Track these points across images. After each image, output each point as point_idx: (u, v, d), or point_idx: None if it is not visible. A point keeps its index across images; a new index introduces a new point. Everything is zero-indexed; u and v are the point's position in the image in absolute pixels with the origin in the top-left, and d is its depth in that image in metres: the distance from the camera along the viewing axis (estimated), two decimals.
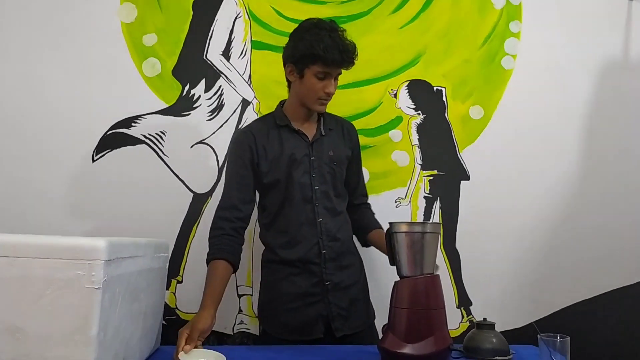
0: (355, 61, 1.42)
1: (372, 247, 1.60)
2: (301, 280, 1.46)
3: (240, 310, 1.82)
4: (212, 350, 1.16)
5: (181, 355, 1.15)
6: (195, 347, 1.22)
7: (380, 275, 1.69)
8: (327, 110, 1.53)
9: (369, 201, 1.68)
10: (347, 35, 1.42)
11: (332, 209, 1.49)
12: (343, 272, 1.48)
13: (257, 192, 1.52)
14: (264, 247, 1.56)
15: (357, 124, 1.69)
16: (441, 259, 1.86)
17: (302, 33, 1.42)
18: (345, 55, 1.38)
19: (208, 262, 1.39)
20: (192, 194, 1.83)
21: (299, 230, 1.46)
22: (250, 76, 1.87)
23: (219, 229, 1.42)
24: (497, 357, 1.22)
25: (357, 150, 1.62)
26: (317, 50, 1.36)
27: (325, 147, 1.51)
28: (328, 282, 1.45)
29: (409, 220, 1.86)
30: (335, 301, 1.45)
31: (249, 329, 1.82)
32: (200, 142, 1.84)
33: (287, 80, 1.51)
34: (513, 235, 1.90)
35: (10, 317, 0.86)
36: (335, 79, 1.43)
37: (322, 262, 1.46)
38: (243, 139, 1.48)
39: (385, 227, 1.31)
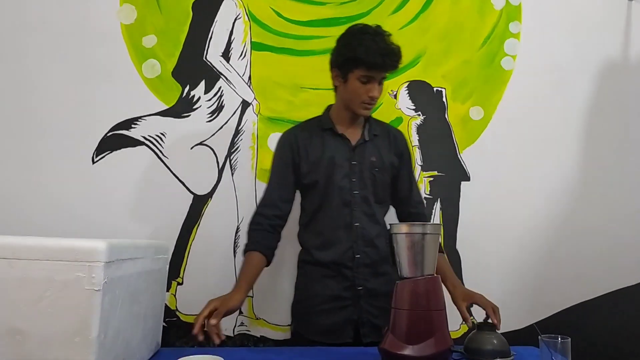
0: (398, 65, 1.42)
1: None
2: (334, 283, 1.47)
3: (240, 312, 1.81)
4: (210, 355, 1.15)
5: None
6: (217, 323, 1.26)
7: None
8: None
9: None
10: (393, 40, 1.41)
11: (370, 215, 1.49)
12: (378, 279, 1.48)
13: (298, 192, 1.54)
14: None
15: None
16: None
17: (347, 38, 1.44)
18: (388, 58, 1.38)
19: (245, 252, 1.44)
20: (192, 196, 1.83)
21: (335, 233, 1.47)
22: (250, 77, 1.87)
23: (257, 224, 1.47)
24: (498, 359, 1.22)
25: (407, 156, 1.59)
26: (359, 54, 1.37)
27: (367, 153, 1.50)
28: (360, 287, 1.46)
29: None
30: (366, 307, 1.45)
31: (249, 331, 1.81)
32: (200, 143, 1.84)
33: (334, 84, 1.51)
34: (513, 235, 1.90)
35: (11, 318, 0.86)
36: (380, 82, 1.42)
37: (355, 266, 1.46)
38: (286, 139, 1.52)
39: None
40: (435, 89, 1.92)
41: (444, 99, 1.92)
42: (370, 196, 1.49)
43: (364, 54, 1.37)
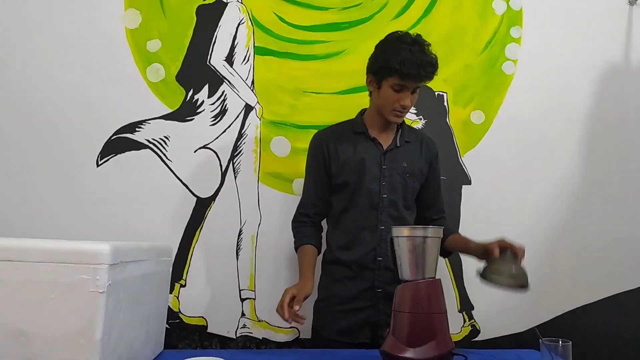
0: (434, 75, 1.42)
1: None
2: (354, 284, 1.49)
3: (243, 314, 1.82)
4: (212, 357, 1.16)
5: None
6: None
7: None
8: (329, 115, 1.54)
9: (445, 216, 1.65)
10: (431, 50, 1.42)
11: (397, 219, 1.50)
12: (398, 283, 1.49)
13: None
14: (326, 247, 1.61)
15: None
16: (443, 264, 1.86)
17: (385, 45, 1.45)
18: (423, 70, 1.38)
19: (296, 248, 1.54)
20: (195, 199, 1.84)
21: (359, 234, 1.50)
22: (253, 81, 1.89)
23: (300, 222, 1.57)
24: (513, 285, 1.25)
25: (436, 165, 1.60)
26: (394, 63, 1.38)
27: (399, 158, 1.52)
28: (380, 290, 1.47)
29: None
30: (384, 309, 1.46)
31: (251, 333, 1.82)
32: (204, 146, 1.86)
33: (368, 89, 1.54)
34: (514, 238, 1.89)
35: (15, 321, 0.87)
36: (414, 92, 1.43)
37: (376, 268, 1.48)
38: (316, 140, 1.57)
39: None
40: (436, 93, 1.93)
41: (445, 103, 1.93)
42: (399, 201, 1.51)
43: (399, 64, 1.37)
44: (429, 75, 1.41)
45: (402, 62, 1.37)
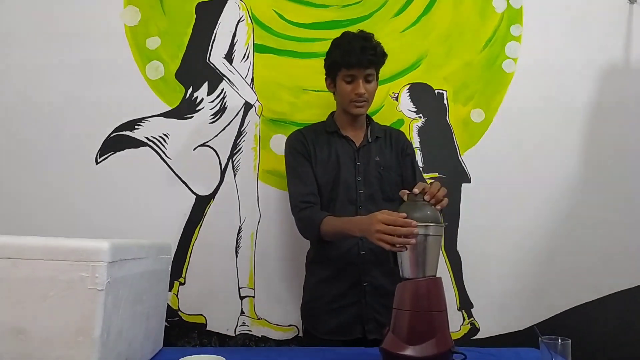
0: (377, 59, 1.48)
1: None
2: (340, 281, 1.50)
3: (242, 312, 1.82)
4: (211, 355, 1.16)
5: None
6: None
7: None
8: (329, 113, 1.54)
9: None
10: (373, 39, 1.48)
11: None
12: (385, 278, 1.50)
13: None
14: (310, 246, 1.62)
15: None
16: (442, 262, 1.86)
17: (330, 47, 1.53)
18: (363, 55, 1.44)
19: (319, 225, 1.43)
20: (194, 196, 1.84)
21: None
22: (252, 79, 1.88)
23: (306, 202, 1.49)
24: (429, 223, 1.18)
25: (409, 150, 1.64)
26: (336, 57, 1.48)
27: (372, 154, 1.57)
28: (366, 284, 1.49)
29: None
30: (371, 303, 1.48)
31: (250, 331, 1.82)
32: (203, 144, 1.85)
33: (330, 91, 1.60)
34: (514, 237, 1.91)
35: (14, 318, 0.87)
36: (366, 80, 1.48)
37: (361, 263, 1.50)
38: (299, 136, 1.58)
39: None
40: (436, 91, 1.93)
41: (445, 102, 1.93)
42: (377, 194, 1.54)
43: (340, 56, 1.47)
44: (372, 60, 1.47)
45: (343, 53, 1.46)
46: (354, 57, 1.44)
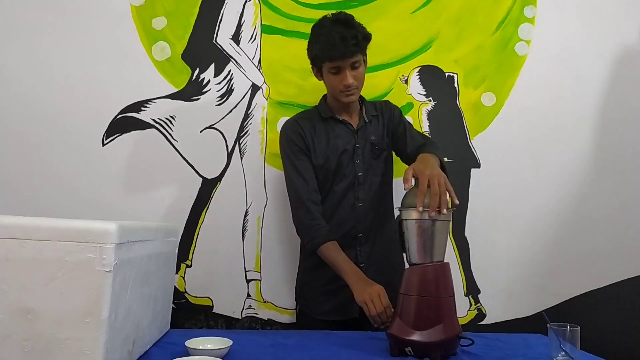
0: (360, 47, 1.42)
1: None
2: None
3: (248, 295, 1.83)
4: (218, 337, 1.16)
5: (188, 342, 1.15)
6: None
7: None
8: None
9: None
10: (355, 21, 1.43)
11: (375, 195, 1.54)
12: (382, 258, 1.53)
13: None
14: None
15: None
16: (450, 247, 1.85)
17: (310, 36, 1.48)
18: (345, 46, 1.38)
19: (318, 245, 1.44)
20: (201, 179, 1.83)
21: (339, 214, 1.52)
22: (260, 61, 1.86)
23: (314, 217, 1.47)
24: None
25: (398, 118, 1.61)
26: (316, 51, 1.43)
27: (368, 134, 1.56)
28: (362, 264, 1.50)
29: None
30: None
31: (257, 314, 1.83)
32: (210, 127, 1.84)
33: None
34: (523, 223, 1.89)
35: (22, 298, 0.87)
36: (353, 68, 1.43)
37: (358, 244, 1.51)
38: (295, 126, 1.55)
39: (396, 213, 1.30)
40: (447, 74, 1.90)
41: (456, 85, 1.90)
42: (376, 177, 1.54)
43: (321, 51, 1.41)
44: (355, 49, 1.40)
45: (323, 47, 1.40)
46: (335, 51, 1.38)
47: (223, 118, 1.84)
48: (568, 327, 1.14)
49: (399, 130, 1.58)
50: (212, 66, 1.84)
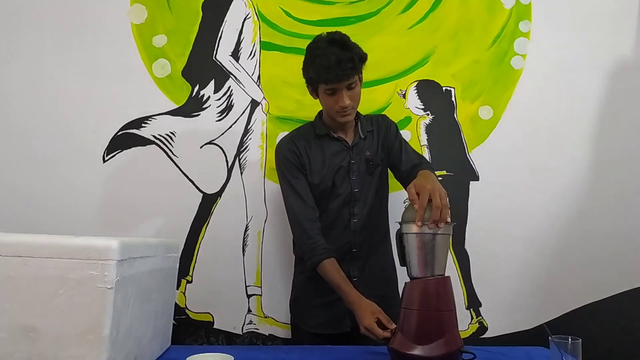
0: (356, 69, 1.40)
1: None
2: None
3: (249, 310, 1.82)
4: (219, 354, 1.16)
5: (189, 358, 1.14)
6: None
7: None
8: None
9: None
10: (351, 41, 1.41)
11: (369, 209, 1.53)
12: (374, 269, 1.53)
13: None
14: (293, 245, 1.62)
15: None
16: (450, 260, 1.85)
17: (306, 56, 1.46)
18: (341, 69, 1.35)
19: (317, 263, 1.42)
20: (201, 195, 1.83)
21: (334, 230, 1.51)
22: (259, 77, 1.88)
23: (310, 236, 1.45)
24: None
25: (394, 134, 1.60)
26: (313, 73, 1.41)
27: (363, 150, 1.55)
28: (355, 279, 1.49)
29: None
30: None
31: (257, 329, 1.82)
32: (210, 142, 1.85)
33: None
34: (523, 235, 1.89)
35: (24, 316, 0.87)
36: (349, 89, 1.42)
37: (351, 259, 1.51)
38: (290, 144, 1.53)
39: (396, 227, 1.30)
40: (444, 88, 1.92)
41: (453, 99, 1.91)
42: (370, 192, 1.54)
43: (316, 73, 1.39)
44: (350, 72, 1.37)
45: (319, 70, 1.37)
46: (331, 74, 1.36)
47: (223, 134, 1.85)
48: (569, 340, 1.13)
49: (394, 146, 1.58)
50: (212, 82, 1.86)
